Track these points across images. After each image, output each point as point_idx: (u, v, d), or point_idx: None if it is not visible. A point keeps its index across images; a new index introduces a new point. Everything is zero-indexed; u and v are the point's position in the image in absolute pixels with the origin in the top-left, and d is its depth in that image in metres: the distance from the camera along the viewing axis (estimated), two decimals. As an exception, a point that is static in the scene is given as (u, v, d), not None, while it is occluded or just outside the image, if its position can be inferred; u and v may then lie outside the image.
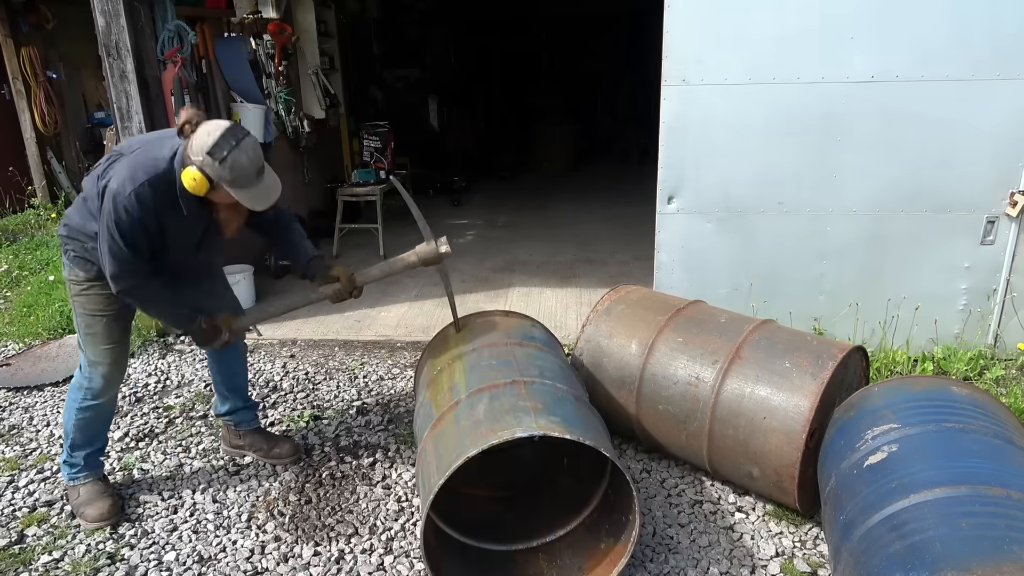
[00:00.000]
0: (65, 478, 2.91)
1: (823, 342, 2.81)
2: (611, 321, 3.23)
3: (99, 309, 2.70)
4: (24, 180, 7.36)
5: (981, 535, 1.81)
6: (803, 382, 2.61)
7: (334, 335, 4.63)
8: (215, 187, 2.37)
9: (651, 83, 4.52)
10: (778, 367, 2.70)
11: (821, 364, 2.64)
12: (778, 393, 2.64)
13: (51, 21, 7.03)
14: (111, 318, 2.74)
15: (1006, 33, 3.46)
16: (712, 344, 2.88)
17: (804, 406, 2.57)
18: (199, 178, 2.33)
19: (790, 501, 2.71)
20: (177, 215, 2.49)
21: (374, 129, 6.81)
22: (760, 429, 2.65)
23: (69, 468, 2.89)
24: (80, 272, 2.66)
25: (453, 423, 2.41)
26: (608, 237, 6.74)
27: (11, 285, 5.59)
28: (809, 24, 3.57)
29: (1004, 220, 3.75)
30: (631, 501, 2.33)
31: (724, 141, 3.80)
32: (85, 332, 2.75)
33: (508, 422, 2.26)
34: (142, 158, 2.46)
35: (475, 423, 2.32)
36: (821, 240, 3.90)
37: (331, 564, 2.60)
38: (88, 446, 2.88)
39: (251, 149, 2.37)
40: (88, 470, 2.90)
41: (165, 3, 4.49)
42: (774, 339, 2.83)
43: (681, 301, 3.25)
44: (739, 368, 2.77)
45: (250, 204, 2.43)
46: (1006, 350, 3.96)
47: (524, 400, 2.38)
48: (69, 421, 2.83)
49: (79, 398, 2.80)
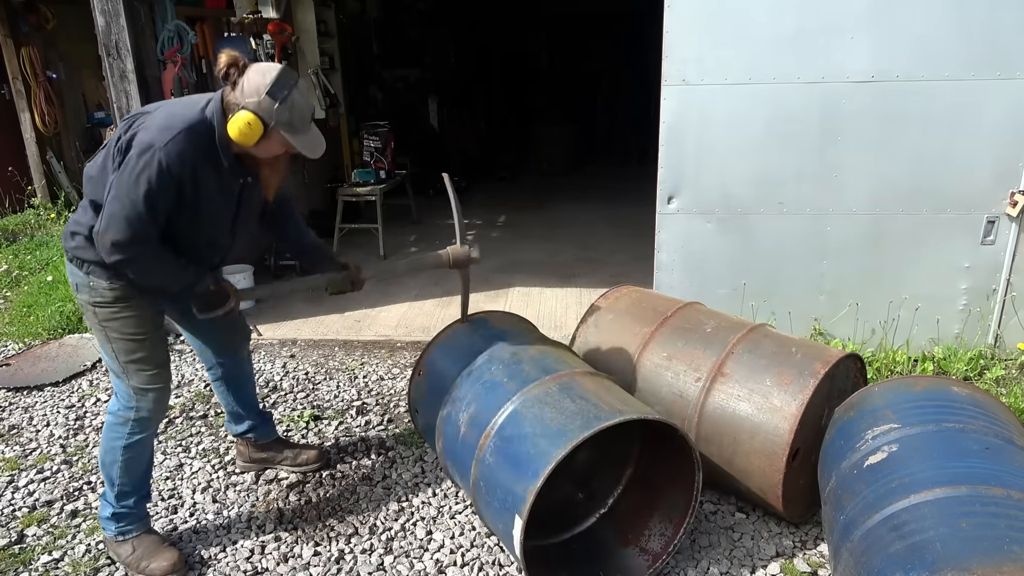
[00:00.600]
0: (111, 534, 2.53)
1: (808, 354, 2.72)
2: (599, 334, 3.20)
3: (140, 332, 2.38)
4: (24, 180, 7.37)
5: (981, 535, 1.81)
6: (783, 403, 2.57)
7: (334, 335, 4.63)
8: (267, 134, 2.17)
9: (651, 83, 4.52)
10: (759, 385, 2.65)
11: (802, 383, 2.58)
12: (759, 414, 2.61)
13: (51, 21, 7.03)
14: (155, 339, 2.44)
15: (1006, 33, 3.46)
16: (696, 359, 2.84)
17: (783, 428, 2.53)
18: (254, 122, 2.11)
19: (779, 515, 2.71)
20: (214, 173, 2.25)
21: (374, 129, 6.81)
22: (743, 450, 2.64)
23: (116, 522, 2.51)
24: (106, 289, 2.31)
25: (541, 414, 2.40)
26: (608, 237, 6.75)
27: (11, 285, 5.59)
28: (809, 24, 3.57)
29: (1004, 220, 3.75)
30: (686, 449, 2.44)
31: (724, 141, 3.80)
32: (126, 360, 2.38)
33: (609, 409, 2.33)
34: (176, 110, 2.21)
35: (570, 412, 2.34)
36: (821, 240, 3.90)
37: (331, 564, 2.60)
38: (137, 491, 2.53)
39: (304, 91, 2.21)
40: (139, 520, 2.56)
41: (165, 3, 4.49)
42: (758, 352, 2.76)
43: (670, 306, 3.16)
44: (721, 386, 2.73)
45: (307, 150, 2.24)
46: (1006, 350, 3.96)
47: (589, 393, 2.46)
48: (113, 465, 2.45)
49: (124, 433, 2.43)
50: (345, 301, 5.17)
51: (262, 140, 2.18)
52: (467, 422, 2.56)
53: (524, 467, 2.26)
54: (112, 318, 2.35)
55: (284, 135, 2.20)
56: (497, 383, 2.59)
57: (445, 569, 2.57)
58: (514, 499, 2.23)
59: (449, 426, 2.66)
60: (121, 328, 2.37)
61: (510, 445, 2.37)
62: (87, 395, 3.85)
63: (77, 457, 3.29)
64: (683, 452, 2.48)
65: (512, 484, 2.27)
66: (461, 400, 2.64)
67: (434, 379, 2.90)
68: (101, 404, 3.75)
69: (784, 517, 2.72)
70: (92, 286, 2.31)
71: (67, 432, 3.50)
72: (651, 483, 2.74)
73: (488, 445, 2.42)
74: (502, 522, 2.31)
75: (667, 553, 2.52)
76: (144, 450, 2.52)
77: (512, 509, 2.22)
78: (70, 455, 3.30)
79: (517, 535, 2.18)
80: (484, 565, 2.58)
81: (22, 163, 7.36)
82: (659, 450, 2.69)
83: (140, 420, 2.46)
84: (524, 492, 2.18)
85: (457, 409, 2.64)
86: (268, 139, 2.20)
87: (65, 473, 3.16)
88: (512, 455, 2.35)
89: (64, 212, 7.16)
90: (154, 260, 2.24)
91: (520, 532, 2.17)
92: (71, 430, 3.52)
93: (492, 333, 2.92)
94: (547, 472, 2.14)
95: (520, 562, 2.23)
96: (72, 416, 3.64)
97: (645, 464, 2.82)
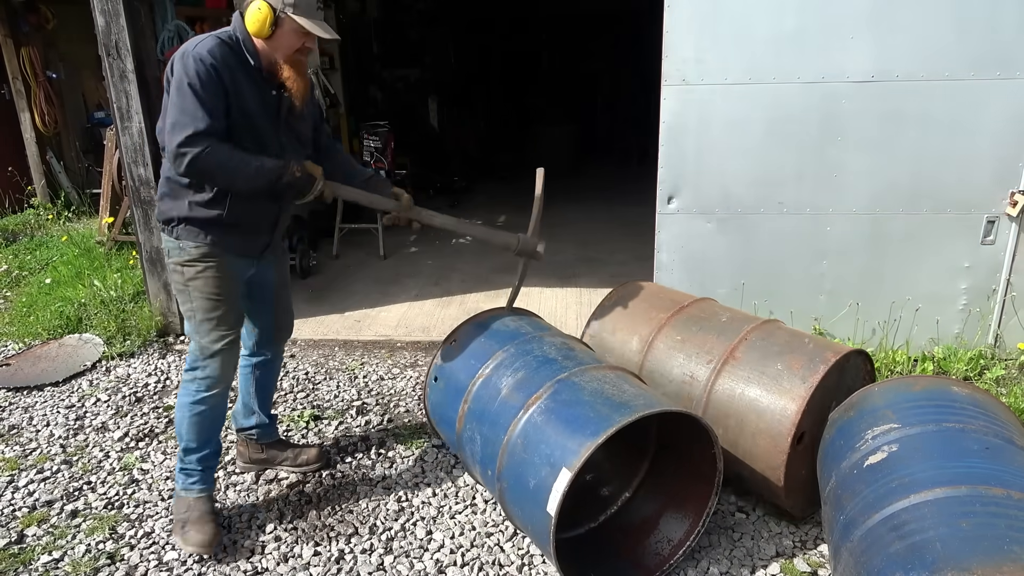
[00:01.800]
0: (179, 486, 2.72)
1: (820, 345, 2.77)
2: (615, 317, 3.25)
3: (219, 292, 2.58)
4: (24, 180, 7.37)
5: (981, 535, 1.81)
6: (792, 385, 2.60)
7: (334, 335, 4.63)
8: (279, 22, 2.38)
9: (651, 83, 4.52)
10: (770, 369, 2.69)
11: (812, 367, 2.61)
12: (767, 395, 2.64)
13: (51, 21, 7.04)
14: (234, 300, 2.65)
15: (1006, 32, 3.46)
16: (709, 343, 2.89)
17: (791, 409, 2.55)
18: (264, 7, 2.34)
19: (780, 503, 2.72)
20: (247, 80, 2.43)
21: (374, 129, 6.81)
22: (749, 430, 2.65)
23: (185, 477, 2.71)
24: (192, 248, 2.52)
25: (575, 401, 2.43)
26: (608, 237, 6.74)
27: (11, 285, 5.60)
28: (809, 24, 3.57)
29: (1004, 220, 3.75)
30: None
31: (724, 141, 3.80)
32: (204, 318, 2.58)
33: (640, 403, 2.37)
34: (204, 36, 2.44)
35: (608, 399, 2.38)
36: (821, 240, 3.90)
37: (331, 564, 2.60)
38: (202, 448, 2.69)
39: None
40: (203, 483, 2.72)
41: (165, 3, 4.50)
42: (771, 340, 2.82)
43: (687, 298, 3.25)
44: (732, 368, 2.76)
45: (317, 30, 2.42)
46: (1006, 350, 3.96)
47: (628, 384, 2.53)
48: (183, 422, 2.66)
49: (192, 391, 2.64)
50: (345, 302, 5.18)
51: (276, 30, 2.39)
52: (512, 385, 2.61)
53: (582, 426, 2.30)
54: (196, 276, 2.56)
55: (294, 18, 2.38)
56: (552, 359, 2.66)
57: (445, 569, 2.57)
58: (563, 453, 2.25)
59: (486, 388, 2.69)
60: (203, 287, 2.57)
61: (567, 408, 2.41)
62: (87, 395, 3.85)
63: (77, 457, 3.29)
64: (700, 452, 2.50)
65: (565, 440, 2.30)
66: (507, 367, 2.69)
67: (470, 347, 2.92)
68: (101, 404, 3.76)
69: (785, 508, 2.72)
70: (181, 247, 2.54)
71: (67, 432, 3.50)
72: (664, 485, 2.78)
73: (538, 405, 2.45)
74: (537, 478, 2.30)
75: (676, 555, 2.54)
76: (211, 411, 2.68)
77: (559, 464, 2.23)
78: (70, 455, 3.30)
79: (561, 487, 2.18)
80: (484, 565, 2.58)
81: (22, 163, 7.36)
82: (671, 454, 2.72)
83: (206, 379, 2.63)
84: (579, 447, 2.21)
85: (500, 375, 2.68)
86: (281, 28, 2.39)
87: (65, 473, 3.16)
88: (568, 416, 2.38)
89: (64, 212, 7.16)
90: (229, 155, 2.37)
91: (566, 484, 2.17)
92: (71, 430, 3.52)
93: (538, 323, 3.04)
94: (610, 432, 2.19)
95: (552, 518, 2.19)
96: (72, 416, 3.64)
97: (658, 467, 2.85)
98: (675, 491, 2.71)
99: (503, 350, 2.76)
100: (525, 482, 2.36)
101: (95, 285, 4.97)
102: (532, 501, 2.31)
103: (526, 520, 2.41)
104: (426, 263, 6.10)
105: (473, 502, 2.93)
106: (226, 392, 2.70)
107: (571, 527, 2.71)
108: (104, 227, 6.01)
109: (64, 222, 7.05)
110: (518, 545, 2.69)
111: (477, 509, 2.90)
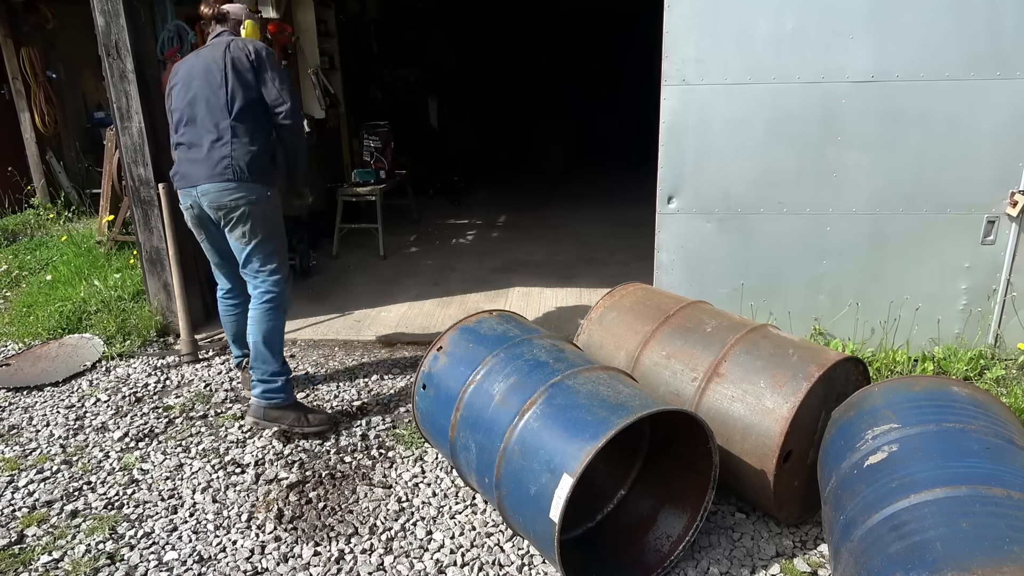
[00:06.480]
0: (282, 400, 3.31)
1: (805, 355, 2.69)
2: (602, 331, 3.21)
3: (280, 219, 3.31)
4: (24, 180, 7.37)
5: (981, 535, 1.80)
6: (775, 405, 2.56)
7: (334, 335, 4.63)
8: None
9: (651, 83, 4.52)
10: (753, 387, 2.65)
11: (795, 385, 2.57)
12: (751, 415, 2.61)
13: (51, 21, 7.04)
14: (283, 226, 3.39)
15: (1006, 32, 3.46)
16: (694, 358, 2.84)
17: (775, 431, 2.53)
18: (250, 25, 3.37)
19: (774, 515, 2.71)
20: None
21: (374, 129, 6.80)
22: (736, 450, 2.64)
23: (288, 389, 3.34)
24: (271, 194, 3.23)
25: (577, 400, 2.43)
26: (608, 237, 6.74)
27: (11, 285, 5.59)
28: (809, 24, 3.57)
29: (1004, 220, 3.75)
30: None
31: (724, 141, 3.80)
32: (279, 244, 3.30)
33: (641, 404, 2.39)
34: (217, 43, 3.25)
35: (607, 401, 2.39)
36: (821, 240, 3.90)
37: (331, 564, 2.60)
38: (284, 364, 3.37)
39: None
40: (289, 392, 3.35)
41: (165, 3, 4.50)
42: (755, 353, 2.75)
43: (673, 304, 3.17)
44: (716, 386, 2.73)
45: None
46: (1006, 350, 3.96)
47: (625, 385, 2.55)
48: (274, 345, 3.28)
49: (280, 316, 3.33)
50: (345, 302, 5.17)
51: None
52: (505, 391, 2.58)
53: (580, 430, 2.28)
54: (271, 208, 3.25)
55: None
56: (543, 362, 2.64)
57: (445, 569, 2.57)
58: (564, 459, 2.24)
59: (478, 395, 2.66)
60: (275, 215, 3.29)
61: (563, 412, 2.39)
62: (87, 395, 3.85)
63: (77, 457, 3.29)
64: (695, 449, 2.51)
65: (564, 445, 2.28)
66: (497, 372, 2.66)
67: (458, 354, 2.89)
68: (101, 404, 3.76)
69: (779, 518, 2.72)
70: (269, 196, 3.22)
71: (67, 432, 3.50)
72: (660, 481, 2.78)
73: (533, 411, 2.43)
74: (537, 485, 2.28)
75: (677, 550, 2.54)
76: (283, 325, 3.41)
77: (560, 469, 2.22)
78: (70, 455, 3.30)
79: (564, 494, 2.17)
80: (484, 565, 2.58)
81: (22, 163, 7.36)
82: (666, 450, 2.72)
83: (283, 294, 3.35)
84: (579, 452, 2.20)
85: (491, 380, 2.65)
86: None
87: (65, 473, 3.16)
88: (564, 420, 2.36)
89: (64, 212, 7.16)
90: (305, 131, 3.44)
91: (569, 490, 2.16)
92: (71, 430, 3.52)
93: (525, 325, 3.02)
94: (609, 436, 2.17)
95: (556, 524, 2.19)
96: (72, 416, 3.64)
97: (653, 463, 2.85)
98: (671, 487, 2.71)
99: (492, 355, 2.73)
100: (525, 489, 2.35)
101: (95, 285, 4.97)
102: (533, 508, 2.30)
103: (527, 526, 2.40)
104: (426, 263, 6.10)
105: (473, 502, 2.93)
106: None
107: (570, 529, 2.70)
108: (104, 227, 6.01)
109: (64, 222, 7.05)
110: (518, 545, 2.69)
111: (477, 509, 2.90)
